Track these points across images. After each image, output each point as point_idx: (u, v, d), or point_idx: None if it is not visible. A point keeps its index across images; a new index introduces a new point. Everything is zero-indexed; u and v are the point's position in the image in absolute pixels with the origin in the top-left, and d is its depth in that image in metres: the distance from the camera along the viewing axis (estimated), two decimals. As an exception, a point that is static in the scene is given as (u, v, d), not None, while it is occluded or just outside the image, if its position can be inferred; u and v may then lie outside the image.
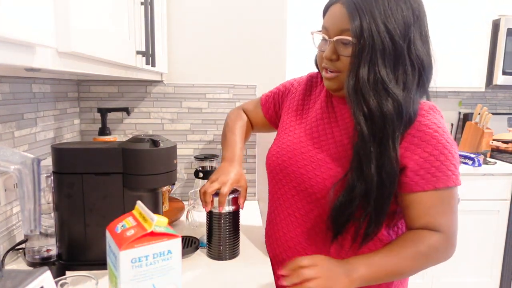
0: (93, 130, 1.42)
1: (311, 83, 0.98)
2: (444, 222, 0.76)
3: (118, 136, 1.45)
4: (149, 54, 0.95)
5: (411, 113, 0.73)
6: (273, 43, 1.46)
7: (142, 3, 0.93)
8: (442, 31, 2.30)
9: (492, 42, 2.34)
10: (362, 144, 0.74)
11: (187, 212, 1.17)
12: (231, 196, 0.93)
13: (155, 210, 0.92)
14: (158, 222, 0.64)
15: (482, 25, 2.32)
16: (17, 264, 0.93)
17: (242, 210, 0.97)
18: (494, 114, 2.60)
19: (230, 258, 0.96)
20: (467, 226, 2.22)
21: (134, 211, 0.70)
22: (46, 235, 0.93)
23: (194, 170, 1.34)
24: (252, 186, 1.48)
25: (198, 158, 1.36)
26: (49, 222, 0.94)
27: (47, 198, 0.97)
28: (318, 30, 0.82)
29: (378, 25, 0.70)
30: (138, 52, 0.92)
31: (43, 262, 0.90)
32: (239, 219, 0.98)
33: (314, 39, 0.84)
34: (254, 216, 1.29)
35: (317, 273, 0.68)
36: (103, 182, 0.87)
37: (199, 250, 1.01)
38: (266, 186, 1.00)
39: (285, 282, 0.68)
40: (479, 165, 2.14)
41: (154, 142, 0.87)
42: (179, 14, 1.42)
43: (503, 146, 2.40)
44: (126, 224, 0.66)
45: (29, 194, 0.57)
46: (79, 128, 1.42)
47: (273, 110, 1.07)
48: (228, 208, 0.94)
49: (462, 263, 2.25)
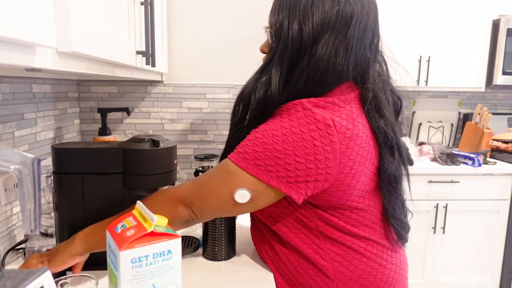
0: (93, 130, 1.43)
1: None
2: (191, 180, 0.77)
3: (118, 136, 1.45)
4: (149, 54, 0.95)
5: (272, 106, 0.74)
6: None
7: (142, 3, 0.93)
8: (442, 31, 2.30)
9: (492, 42, 2.34)
10: (230, 123, 0.81)
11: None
12: None
13: (155, 210, 0.92)
14: (158, 222, 0.64)
15: (482, 25, 2.32)
16: (17, 264, 0.93)
17: None
18: (494, 114, 2.60)
19: (225, 259, 0.96)
20: (467, 226, 2.22)
21: (134, 211, 0.70)
22: (46, 235, 0.93)
23: (194, 170, 1.34)
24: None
25: (198, 158, 1.36)
26: (49, 222, 0.94)
27: (47, 198, 0.97)
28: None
29: (292, 21, 0.71)
30: (138, 52, 0.92)
31: (43, 262, 0.90)
32: (235, 220, 0.98)
33: (268, 34, 0.84)
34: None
35: (41, 256, 0.79)
36: (103, 182, 0.87)
37: (199, 250, 1.01)
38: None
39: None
40: (479, 165, 2.14)
41: (154, 142, 0.87)
42: (179, 14, 1.42)
43: (503, 146, 2.40)
44: (126, 224, 0.66)
45: (29, 194, 0.58)
46: (79, 128, 1.42)
47: None
48: None
49: (462, 263, 2.25)
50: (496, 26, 2.33)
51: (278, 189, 0.70)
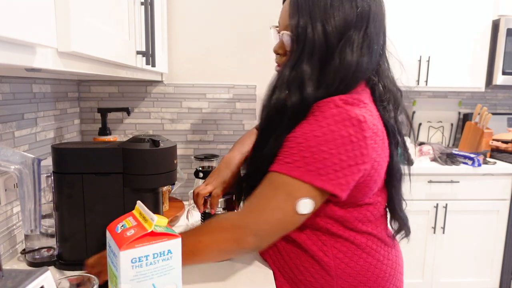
0: (93, 130, 1.43)
1: None
2: (249, 200, 0.74)
3: (118, 136, 1.45)
4: (149, 54, 0.95)
5: (308, 106, 0.73)
6: (273, 43, 1.46)
7: (142, 3, 0.93)
8: (442, 31, 2.30)
9: (492, 42, 2.34)
10: (259, 131, 0.78)
11: (187, 212, 1.17)
12: (224, 198, 0.94)
13: (155, 210, 0.92)
14: (158, 222, 0.64)
15: (482, 25, 2.32)
16: (17, 264, 0.93)
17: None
18: (494, 114, 2.60)
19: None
20: (467, 226, 2.22)
21: (134, 211, 0.70)
22: (46, 235, 0.93)
23: (194, 170, 1.34)
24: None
25: (198, 158, 1.36)
26: (49, 222, 0.94)
27: (47, 198, 0.97)
28: (275, 26, 0.83)
29: (315, 23, 0.71)
30: (138, 52, 0.92)
31: (43, 262, 0.90)
32: None
33: (272, 34, 0.84)
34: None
35: (91, 269, 0.76)
36: (103, 182, 0.87)
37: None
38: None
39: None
40: (479, 165, 2.14)
41: (154, 142, 0.87)
42: (179, 14, 1.42)
43: (503, 146, 2.40)
44: (126, 224, 0.66)
45: (29, 194, 0.58)
46: (79, 128, 1.42)
47: None
48: (220, 210, 0.94)
49: (462, 263, 2.25)
50: (496, 26, 2.33)
51: (331, 192, 0.69)
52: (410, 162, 0.87)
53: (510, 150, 2.38)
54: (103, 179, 0.87)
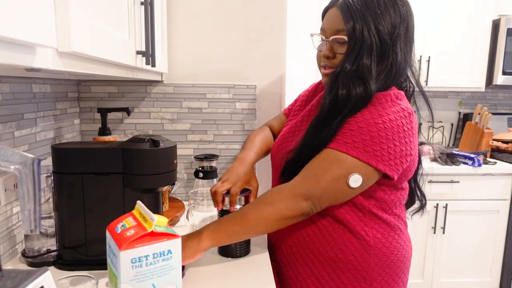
0: (93, 130, 1.43)
1: (319, 86, 1.07)
2: (302, 171, 0.82)
3: (118, 136, 1.45)
4: (149, 54, 0.95)
5: (370, 96, 0.82)
6: (273, 43, 1.46)
7: (142, 3, 0.93)
8: (442, 31, 2.30)
9: (492, 42, 2.34)
10: (318, 115, 0.85)
11: (187, 212, 1.17)
12: (242, 195, 0.96)
13: (155, 210, 0.92)
14: (158, 222, 0.64)
15: (482, 25, 2.32)
16: (17, 264, 0.93)
17: None
18: (494, 114, 2.60)
19: (242, 256, 0.97)
20: (467, 226, 2.22)
21: (134, 211, 0.70)
22: (46, 235, 0.93)
23: (194, 170, 1.34)
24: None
25: (198, 158, 1.36)
26: (49, 222, 0.94)
27: (47, 198, 0.97)
28: (318, 33, 0.90)
29: (369, 26, 0.80)
30: (138, 52, 0.92)
31: (43, 262, 0.90)
32: None
33: (314, 41, 0.92)
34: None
35: None
36: (103, 182, 0.87)
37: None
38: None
39: None
40: (479, 165, 2.14)
41: (154, 142, 0.87)
42: (179, 14, 1.42)
43: (503, 146, 2.40)
44: (126, 224, 0.66)
45: (29, 194, 0.58)
46: (79, 128, 1.42)
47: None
48: (238, 207, 0.96)
49: (462, 263, 2.25)
50: (496, 26, 2.33)
51: (383, 171, 0.79)
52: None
53: (510, 150, 2.38)
54: (103, 179, 0.87)
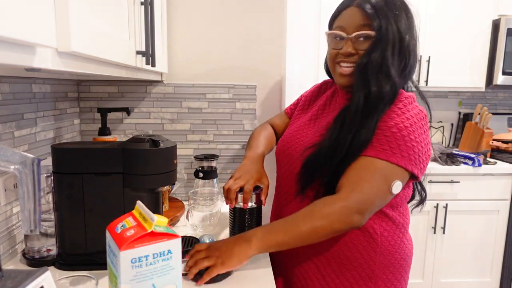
0: (93, 130, 1.43)
1: (323, 87, 1.09)
2: (347, 183, 0.81)
3: (118, 136, 1.45)
4: (149, 54, 0.95)
5: (395, 95, 0.86)
6: (273, 43, 1.46)
7: (142, 3, 0.93)
8: (442, 31, 2.30)
9: (492, 42, 2.34)
10: (351, 111, 0.84)
11: (187, 212, 1.17)
12: (254, 193, 0.97)
13: (155, 210, 0.92)
14: (158, 222, 0.64)
15: (482, 25, 2.32)
16: (17, 264, 0.93)
17: (263, 206, 1.01)
18: (494, 114, 2.60)
19: None
20: (467, 226, 2.22)
21: (134, 211, 0.70)
22: (46, 235, 0.93)
23: (194, 170, 1.34)
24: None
25: (198, 158, 1.36)
26: (49, 222, 0.94)
27: (47, 198, 0.97)
28: (336, 31, 0.90)
29: (392, 24, 0.84)
30: (138, 52, 0.92)
31: (43, 262, 0.90)
32: (261, 215, 1.01)
33: (329, 39, 0.92)
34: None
35: (207, 253, 0.83)
36: (103, 182, 0.87)
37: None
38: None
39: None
40: (479, 165, 2.14)
41: (154, 142, 0.87)
42: (179, 14, 1.42)
43: (503, 146, 2.40)
44: (126, 224, 0.66)
45: (29, 194, 0.58)
46: (79, 128, 1.42)
47: None
48: (251, 204, 0.98)
49: (462, 263, 2.25)
50: (496, 26, 2.33)
51: (416, 174, 0.82)
52: None
53: (511, 150, 2.38)
54: (103, 179, 0.87)
